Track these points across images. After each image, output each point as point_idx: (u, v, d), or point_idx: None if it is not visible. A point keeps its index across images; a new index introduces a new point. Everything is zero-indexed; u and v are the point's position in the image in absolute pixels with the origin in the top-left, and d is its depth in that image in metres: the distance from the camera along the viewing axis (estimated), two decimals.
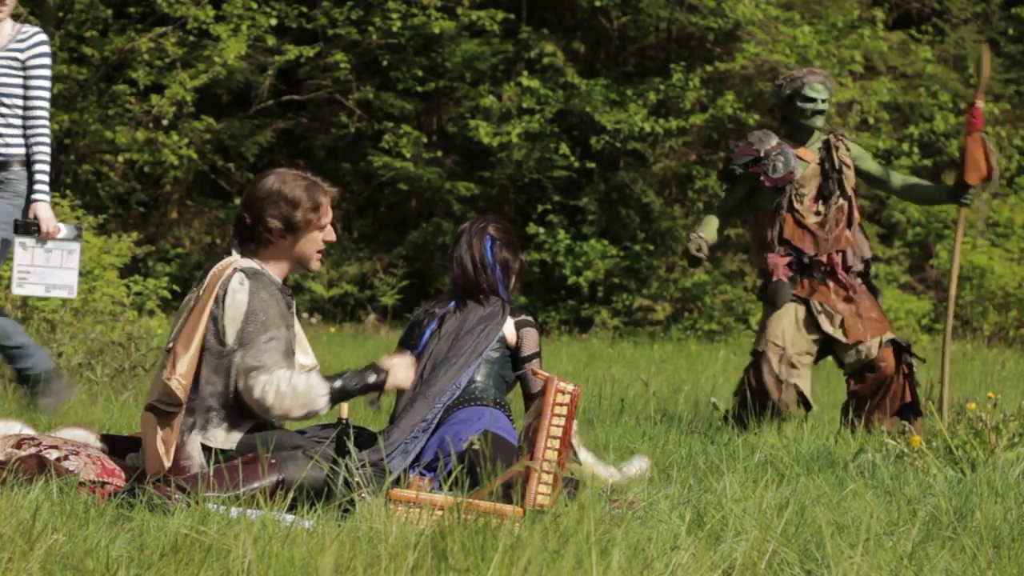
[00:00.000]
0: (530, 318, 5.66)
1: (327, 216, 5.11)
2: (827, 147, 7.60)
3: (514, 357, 5.58)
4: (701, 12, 19.45)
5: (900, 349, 7.48)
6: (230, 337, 4.92)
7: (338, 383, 4.92)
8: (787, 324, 7.45)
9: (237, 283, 4.95)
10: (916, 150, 20.27)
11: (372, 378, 4.96)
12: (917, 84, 20.74)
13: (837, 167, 7.56)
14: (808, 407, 7.43)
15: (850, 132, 19.21)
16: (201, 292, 5.00)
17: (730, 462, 5.83)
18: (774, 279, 7.50)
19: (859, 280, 7.57)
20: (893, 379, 7.42)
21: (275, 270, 5.09)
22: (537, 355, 5.61)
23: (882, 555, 3.83)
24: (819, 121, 7.53)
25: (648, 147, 19.66)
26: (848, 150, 7.62)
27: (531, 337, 5.59)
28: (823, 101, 7.51)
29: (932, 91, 20.61)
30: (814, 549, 3.95)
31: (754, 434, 7.00)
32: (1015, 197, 20.92)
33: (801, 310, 7.49)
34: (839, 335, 7.45)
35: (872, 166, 7.67)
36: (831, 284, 7.52)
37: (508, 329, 5.56)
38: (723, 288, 19.06)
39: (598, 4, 19.56)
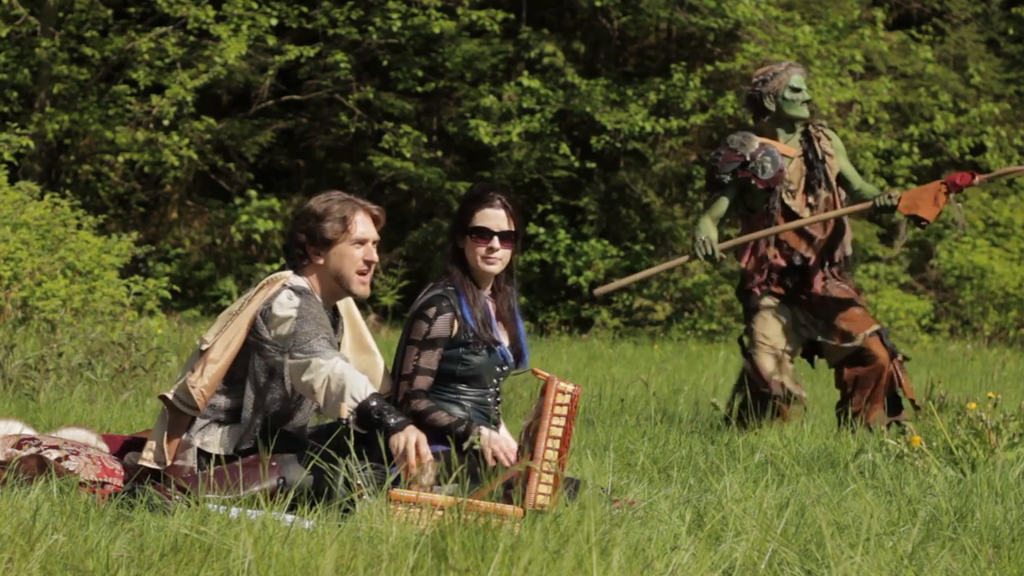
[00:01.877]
0: (427, 309, 5.17)
1: (358, 231, 5.04)
2: (808, 138, 7.61)
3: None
4: (701, 12, 19.45)
5: (885, 340, 7.51)
6: (277, 345, 4.88)
7: (374, 402, 4.67)
8: (771, 323, 7.50)
9: (286, 298, 4.93)
10: (916, 150, 20.28)
11: (392, 421, 4.64)
12: (917, 84, 20.75)
13: (821, 157, 7.57)
14: (791, 401, 7.46)
15: (850, 132, 19.22)
16: (246, 302, 4.99)
17: (730, 462, 5.83)
18: (748, 288, 7.58)
19: (839, 277, 7.60)
20: (885, 368, 7.43)
21: (320, 292, 5.05)
22: (413, 343, 5.14)
23: (882, 555, 3.83)
24: (807, 110, 7.56)
25: (648, 147, 19.66)
26: (829, 139, 7.65)
27: (415, 326, 5.17)
28: (806, 90, 7.57)
29: (932, 91, 20.62)
30: (814, 549, 3.95)
31: (754, 434, 7.01)
32: (1015, 197, 20.92)
33: (785, 311, 7.53)
34: (824, 338, 7.49)
35: (844, 163, 7.66)
36: (811, 288, 7.54)
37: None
38: (723, 288, 19.06)
39: (598, 4, 19.56)
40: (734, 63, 19.20)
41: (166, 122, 18.42)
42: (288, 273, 5.05)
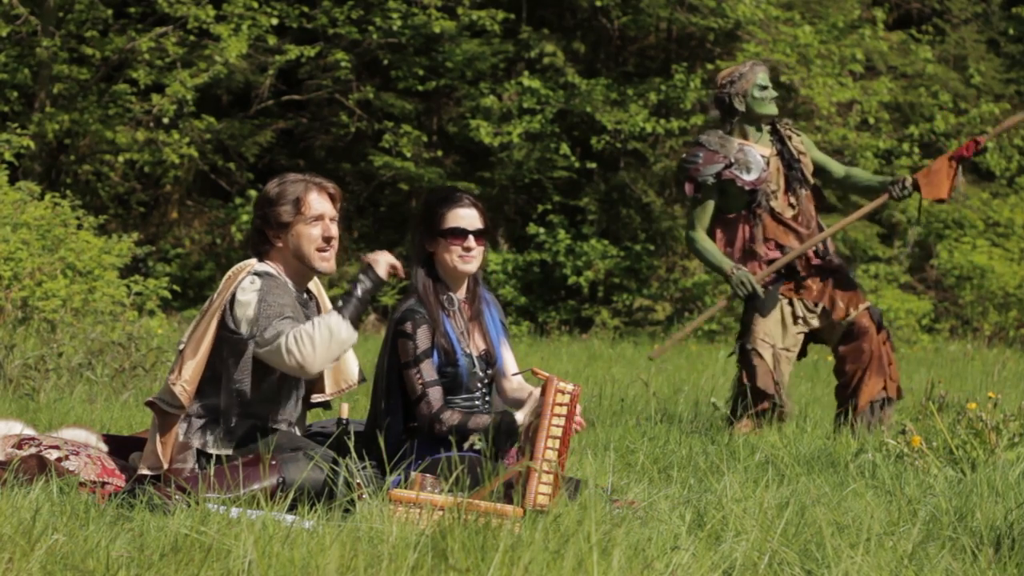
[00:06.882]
0: (403, 325, 5.04)
1: (313, 209, 5.04)
2: (779, 138, 7.61)
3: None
4: (701, 12, 19.45)
5: (875, 315, 7.56)
6: (244, 331, 4.91)
7: (349, 310, 4.87)
8: (773, 322, 7.48)
9: (248, 283, 4.97)
10: (916, 150, 20.28)
11: (368, 283, 4.92)
12: (917, 84, 20.75)
13: (796, 156, 7.59)
14: (776, 406, 7.46)
15: (850, 132, 19.23)
16: (215, 296, 5.01)
17: (730, 462, 5.83)
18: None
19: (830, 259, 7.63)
20: (872, 338, 7.45)
21: (287, 275, 5.07)
22: (408, 364, 5.01)
23: (882, 555, 3.83)
24: (775, 107, 7.57)
25: (648, 147, 19.66)
26: (799, 135, 7.66)
27: (400, 346, 5.05)
28: (772, 87, 7.59)
29: (932, 91, 20.62)
30: (814, 549, 3.95)
31: (754, 434, 7.00)
32: (1015, 197, 20.92)
33: (786, 308, 7.53)
34: (827, 321, 7.50)
35: (816, 155, 7.67)
36: (810, 278, 7.56)
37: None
38: (723, 288, 19.06)
39: (598, 4, 19.56)
40: (734, 63, 19.20)
41: (166, 120, 18.41)
42: (252, 261, 5.08)
